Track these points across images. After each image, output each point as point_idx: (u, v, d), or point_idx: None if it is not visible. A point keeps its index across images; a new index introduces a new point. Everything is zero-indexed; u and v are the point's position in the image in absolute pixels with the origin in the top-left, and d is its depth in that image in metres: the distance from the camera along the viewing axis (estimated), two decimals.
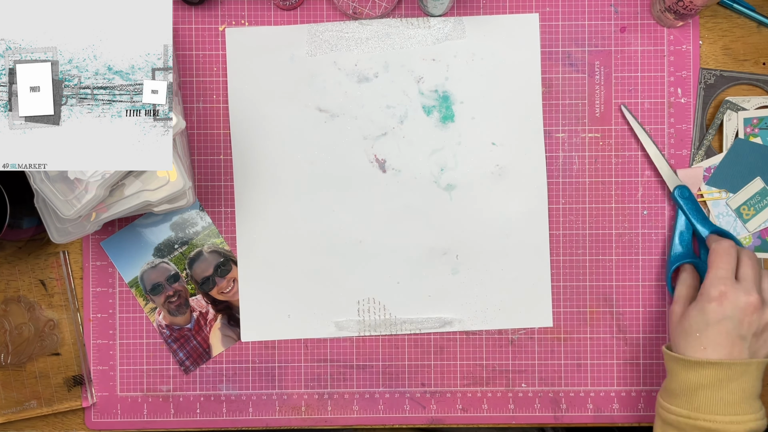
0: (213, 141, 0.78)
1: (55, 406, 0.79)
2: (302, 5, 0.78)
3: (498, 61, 0.77)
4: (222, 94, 0.78)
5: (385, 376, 0.79)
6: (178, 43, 0.78)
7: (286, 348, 0.79)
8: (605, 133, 0.78)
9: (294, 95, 0.77)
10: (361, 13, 0.77)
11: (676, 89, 0.78)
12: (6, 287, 0.79)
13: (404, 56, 0.77)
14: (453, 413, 0.79)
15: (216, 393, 0.79)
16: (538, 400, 0.78)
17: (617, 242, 0.77)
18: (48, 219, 0.67)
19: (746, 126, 0.76)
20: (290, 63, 0.77)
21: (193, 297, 0.79)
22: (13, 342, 0.79)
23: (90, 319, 0.79)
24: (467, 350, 0.78)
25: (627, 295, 0.77)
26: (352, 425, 0.79)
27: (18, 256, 0.79)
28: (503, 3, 0.78)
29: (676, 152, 0.78)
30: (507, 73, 0.77)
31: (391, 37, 0.77)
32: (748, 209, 0.77)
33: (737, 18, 0.78)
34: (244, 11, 0.78)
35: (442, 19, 0.77)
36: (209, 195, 0.78)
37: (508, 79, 0.77)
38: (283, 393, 0.79)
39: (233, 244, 0.78)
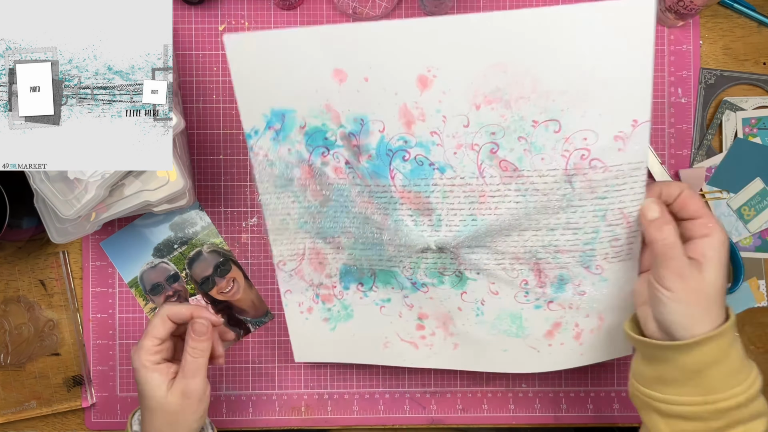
0: (213, 141, 0.78)
1: (54, 407, 0.79)
2: (302, 5, 0.78)
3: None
4: (222, 93, 0.78)
5: (385, 376, 0.79)
6: (178, 43, 0.78)
7: (286, 348, 0.79)
8: None
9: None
10: (361, 13, 0.77)
11: (676, 89, 0.78)
12: (6, 287, 0.79)
13: None
14: (453, 413, 0.79)
15: (216, 393, 0.79)
16: (538, 400, 0.78)
17: None
18: (48, 219, 0.67)
19: (745, 126, 0.76)
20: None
21: (192, 297, 0.79)
22: (13, 342, 0.79)
23: (90, 319, 0.79)
24: None
25: None
26: (352, 425, 0.79)
27: (18, 256, 0.78)
28: (503, 3, 0.78)
29: (677, 152, 0.78)
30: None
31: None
32: (748, 210, 0.77)
33: (737, 18, 0.78)
34: (244, 11, 0.78)
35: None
36: (209, 195, 0.78)
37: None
38: (283, 393, 0.79)
39: (233, 244, 0.78)
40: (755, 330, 0.78)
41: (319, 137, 0.63)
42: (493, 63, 0.57)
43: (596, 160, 0.59)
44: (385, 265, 0.67)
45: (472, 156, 0.61)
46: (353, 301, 0.70)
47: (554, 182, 0.60)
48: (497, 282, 0.65)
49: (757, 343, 0.78)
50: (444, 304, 0.67)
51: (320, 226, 0.66)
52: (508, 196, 0.61)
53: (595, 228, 0.61)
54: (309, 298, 0.71)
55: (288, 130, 0.64)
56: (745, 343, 0.78)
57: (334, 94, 0.61)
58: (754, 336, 0.78)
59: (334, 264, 0.68)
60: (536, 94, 0.58)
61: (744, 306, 0.78)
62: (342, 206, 0.65)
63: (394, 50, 0.58)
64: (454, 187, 0.62)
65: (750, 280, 0.78)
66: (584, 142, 0.58)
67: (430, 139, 0.61)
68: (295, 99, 0.62)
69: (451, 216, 0.63)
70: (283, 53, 0.60)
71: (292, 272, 0.70)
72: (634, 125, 0.57)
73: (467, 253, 0.64)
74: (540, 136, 0.59)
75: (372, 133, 0.62)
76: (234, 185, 0.78)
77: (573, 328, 0.66)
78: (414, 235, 0.64)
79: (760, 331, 0.78)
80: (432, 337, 0.69)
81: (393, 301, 0.69)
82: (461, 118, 0.60)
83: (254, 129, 0.64)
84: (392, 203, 0.63)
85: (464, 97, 0.59)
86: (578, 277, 0.63)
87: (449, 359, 0.70)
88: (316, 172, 0.65)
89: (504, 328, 0.67)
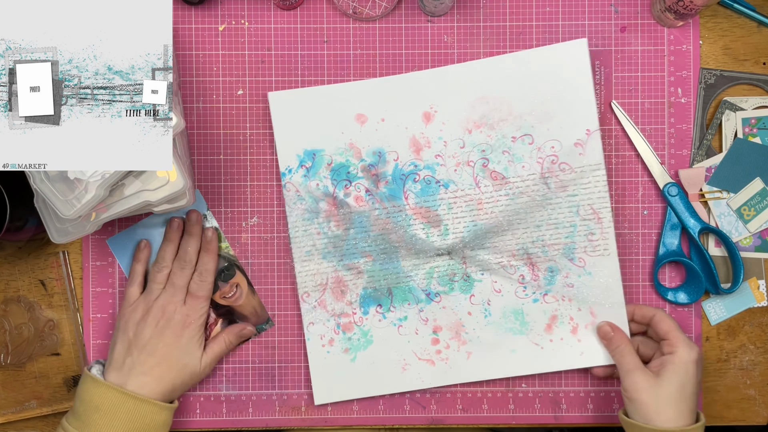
0: (213, 141, 0.78)
1: (55, 406, 0.79)
2: (302, 5, 0.78)
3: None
4: (222, 93, 0.78)
5: None
6: (178, 43, 0.78)
7: (286, 348, 0.79)
8: (605, 133, 0.78)
9: None
10: (361, 13, 0.77)
11: (676, 89, 0.78)
12: (6, 287, 0.79)
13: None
14: (453, 413, 0.79)
15: (216, 393, 0.79)
16: (538, 400, 0.78)
17: (617, 242, 0.77)
18: (48, 219, 0.67)
19: (744, 126, 0.76)
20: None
21: None
22: (13, 342, 0.79)
23: (90, 319, 0.79)
24: None
25: (627, 295, 0.77)
26: (352, 425, 0.79)
27: (18, 256, 0.78)
28: (503, 3, 0.78)
29: (677, 152, 0.78)
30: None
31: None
32: (748, 210, 0.77)
33: (737, 18, 0.78)
34: (244, 11, 0.78)
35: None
36: (209, 195, 0.78)
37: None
38: (283, 393, 0.79)
39: (233, 244, 0.78)
40: (755, 330, 0.78)
41: (343, 172, 0.77)
42: (478, 96, 0.76)
43: (564, 164, 0.75)
44: (402, 281, 0.77)
45: (469, 171, 0.76)
46: (372, 325, 0.77)
47: (534, 184, 0.75)
48: (499, 280, 0.76)
49: (757, 343, 0.78)
50: (456, 312, 0.77)
51: (343, 253, 0.77)
52: (500, 200, 0.76)
53: (572, 222, 0.76)
54: (331, 329, 0.77)
55: (317, 168, 0.77)
56: (745, 343, 0.78)
57: (356, 134, 0.76)
58: (754, 336, 0.78)
59: (355, 290, 0.77)
60: (512, 116, 0.76)
61: (744, 306, 0.78)
62: (362, 230, 0.77)
63: (404, 95, 0.76)
64: (457, 198, 0.76)
65: (750, 280, 0.78)
66: (552, 150, 0.75)
67: (435, 161, 0.76)
68: (324, 140, 0.77)
69: (456, 224, 0.76)
70: (315, 104, 0.76)
71: (316, 303, 0.77)
72: (588, 133, 0.75)
73: (472, 254, 0.76)
74: (518, 148, 0.76)
75: (388, 162, 0.77)
76: (234, 185, 0.78)
77: (569, 322, 0.76)
78: (426, 245, 0.76)
79: (759, 331, 0.78)
80: (447, 351, 0.77)
81: (409, 318, 0.77)
82: (458, 141, 0.76)
83: (288, 168, 0.77)
84: (407, 220, 0.76)
85: (459, 124, 0.76)
86: (565, 269, 0.76)
87: (464, 372, 0.77)
88: (339, 203, 0.76)
89: (509, 326, 0.76)
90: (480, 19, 0.78)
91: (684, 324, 0.78)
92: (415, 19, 0.78)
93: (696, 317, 0.78)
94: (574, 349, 0.76)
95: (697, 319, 0.78)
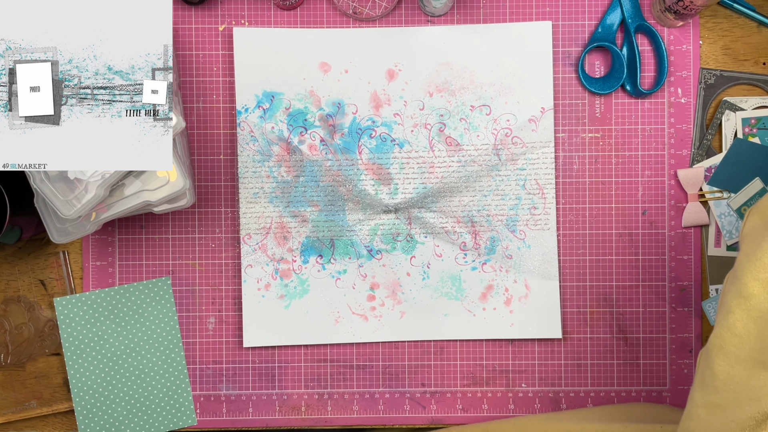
0: (213, 141, 0.78)
1: (55, 406, 0.79)
2: (302, 5, 0.78)
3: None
4: (222, 93, 0.78)
5: (385, 376, 0.79)
6: (178, 43, 0.78)
7: (286, 348, 0.79)
8: (605, 133, 0.78)
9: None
10: (361, 13, 0.77)
11: (676, 89, 0.78)
12: (6, 287, 0.79)
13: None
14: (453, 413, 0.79)
15: (216, 393, 0.79)
16: (538, 400, 0.79)
17: (617, 242, 0.77)
18: (48, 219, 0.67)
19: (744, 126, 0.76)
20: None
21: None
22: (13, 342, 0.79)
23: None
24: (467, 351, 0.78)
25: (627, 295, 0.78)
26: (352, 425, 0.79)
27: (18, 256, 0.79)
28: (503, 3, 0.78)
29: (677, 152, 0.78)
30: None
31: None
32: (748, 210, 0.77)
33: (737, 18, 0.78)
34: (244, 11, 0.78)
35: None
36: (209, 195, 0.78)
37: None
38: (283, 393, 0.79)
39: (233, 243, 0.78)
40: None
41: (300, 118, 0.77)
42: (443, 61, 0.78)
43: (516, 138, 0.78)
44: (345, 234, 0.78)
45: (425, 133, 0.78)
46: (311, 274, 0.78)
47: (486, 154, 0.78)
48: (441, 244, 0.78)
49: None
50: (395, 271, 0.78)
51: (289, 200, 0.77)
52: (452, 166, 0.78)
53: (518, 195, 0.78)
54: (268, 274, 0.77)
55: (275, 110, 0.77)
56: None
57: (318, 82, 0.77)
58: None
59: (297, 238, 0.78)
60: (473, 85, 0.78)
61: None
62: (312, 179, 0.77)
63: (371, 49, 0.77)
64: (410, 159, 0.78)
65: None
66: (507, 123, 0.78)
67: (393, 120, 0.78)
68: (284, 84, 0.77)
69: (405, 184, 0.78)
70: (280, 47, 0.77)
71: (256, 246, 0.77)
72: (542, 111, 0.78)
73: (418, 215, 0.78)
74: (476, 117, 0.78)
75: (346, 114, 0.77)
76: (234, 185, 0.78)
77: (503, 293, 0.78)
78: (374, 201, 0.78)
79: None
80: (381, 308, 0.78)
81: (348, 272, 0.78)
82: (418, 103, 0.78)
83: (245, 106, 0.77)
84: (358, 174, 0.78)
85: (421, 86, 0.78)
86: (506, 240, 0.78)
87: (396, 330, 0.78)
88: (293, 149, 0.77)
89: (445, 290, 0.78)
90: (480, 19, 0.78)
91: (684, 324, 0.78)
92: (415, 19, 0.78)
93: (696, 317, 0.78)
94: (505, 320, 0.78)
95: (697, 319, 0.78)
